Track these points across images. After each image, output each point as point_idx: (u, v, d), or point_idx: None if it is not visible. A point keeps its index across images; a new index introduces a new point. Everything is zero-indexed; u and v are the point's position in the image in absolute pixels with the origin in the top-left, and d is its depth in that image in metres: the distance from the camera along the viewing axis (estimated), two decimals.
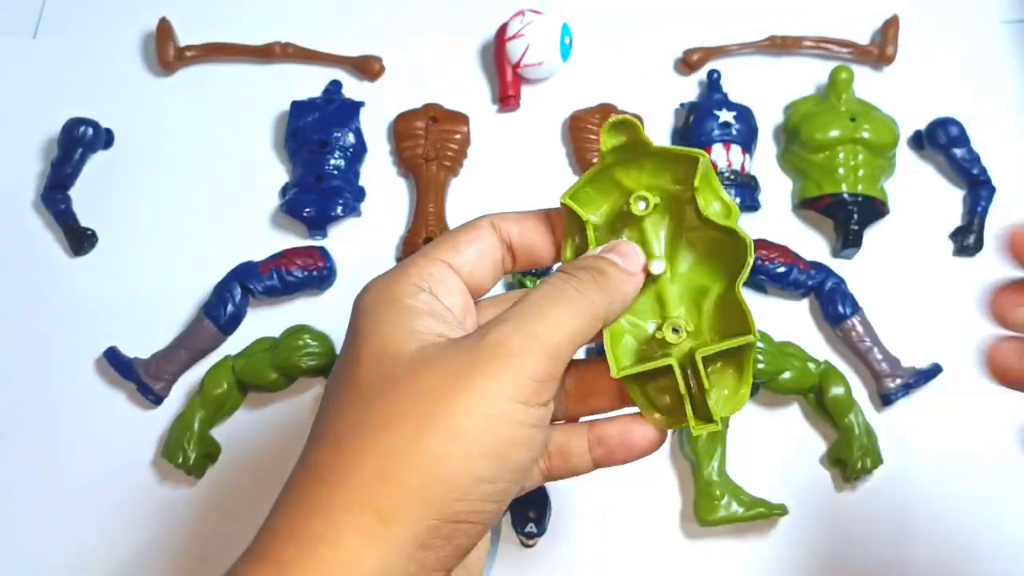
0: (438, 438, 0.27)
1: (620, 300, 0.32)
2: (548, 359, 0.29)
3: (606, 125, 0.32)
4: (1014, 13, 0.63)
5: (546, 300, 0.30)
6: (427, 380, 0.28)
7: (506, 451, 0.28)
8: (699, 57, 0.60)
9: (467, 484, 0.28)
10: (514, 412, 0.28)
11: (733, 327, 0.32)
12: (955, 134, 0.56)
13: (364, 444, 0.28)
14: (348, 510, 0.27)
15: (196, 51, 0.59)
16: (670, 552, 0.48)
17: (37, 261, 0.55)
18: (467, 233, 0.33)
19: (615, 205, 0.34)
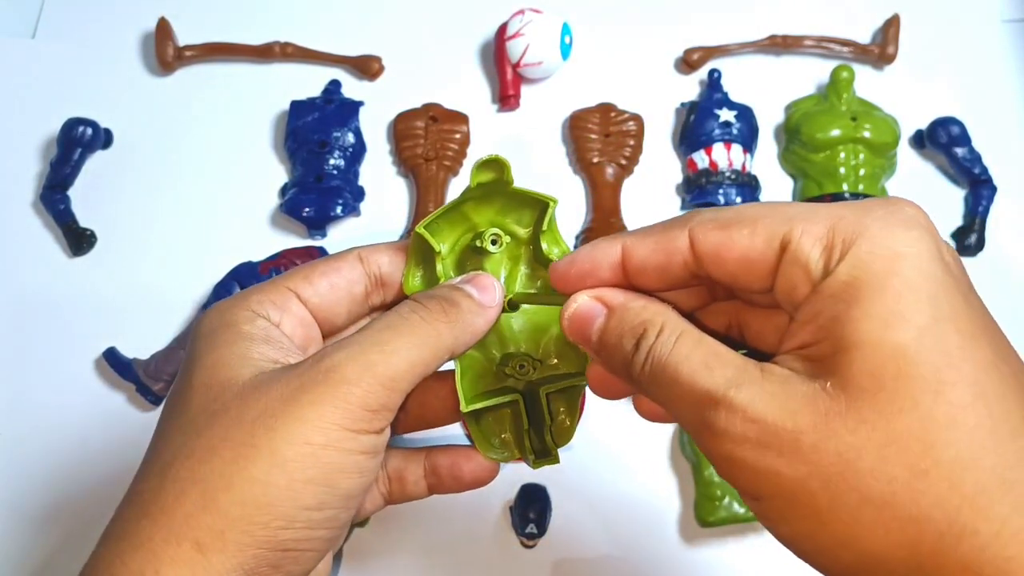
0: (259, 465, 0.26)
1: (470, 333, 0.30)
2: (382, 388, 0.28)
3: (477, 163, 0.32)
4: (1014, 12, 0.63)
5: (389, 329, 0.29)
6: (254, 406, 0.27)
7: (333, 479, 0.27)
8: (700, 56, 0.60)
9: (291, 512, 0.27)
10: (342, 440, 0.27)
11: (568, 363, 0.34)
12: (956, 133, 0.56)
13: (186, 472, 0.27)
14: (167, 542, 0.26)
15: (195, 51, 0.59)
16: (670, 552, 0.48)
17: (36, 261, 0.54)
18: (326, 264, 0.33)
19: (461, 238, 0.34)
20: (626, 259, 0.28)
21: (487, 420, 0.34)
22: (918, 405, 0.21)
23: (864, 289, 0.22)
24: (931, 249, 0.23)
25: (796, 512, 0.23)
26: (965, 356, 0.22)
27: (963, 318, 0.22)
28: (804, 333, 0.24)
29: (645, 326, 0.26)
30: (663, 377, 0.25)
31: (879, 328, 0.22)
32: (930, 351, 0.22)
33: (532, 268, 0.35)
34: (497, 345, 0.35)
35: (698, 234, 0.26)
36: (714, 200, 0.54)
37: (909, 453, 0.21)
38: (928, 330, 0.22)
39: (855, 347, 0.22)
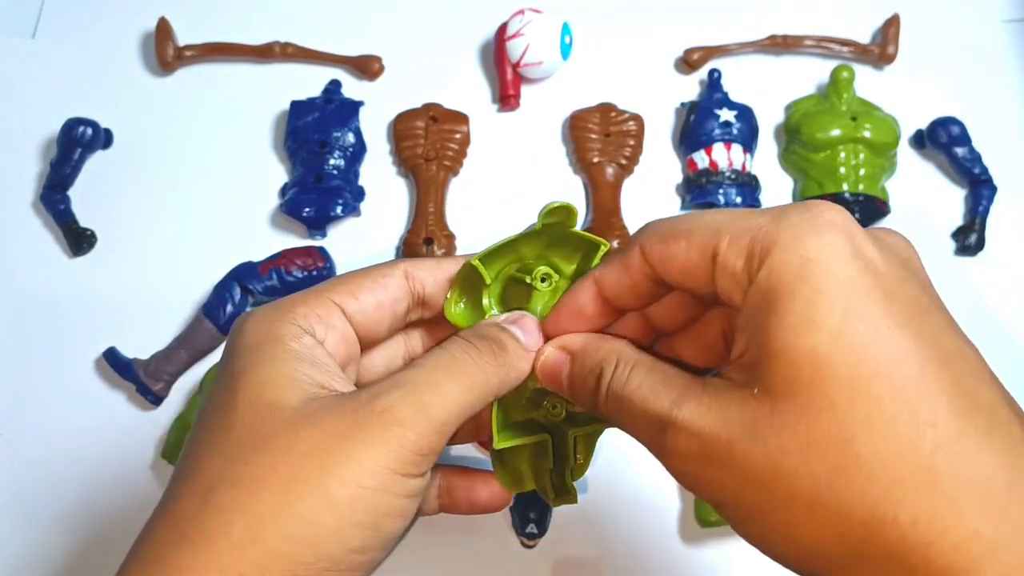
0: (308, 503, 0.26)
1: (515, 376, 0.31)
2: (434, 433, 0.27)
3: (547, 207, 0.31)
4: (1014, 12, 0.63)
5: (441, 369, 0.29)
6: (306, 440, 0.27)
7: (380, 522, 0.27)
8: (700, 56, 0.60)
9: (336, 554, 0.26)
10: (392, 484, 0.27)
11: None
12: (956, 133, 0.56)
13: (231, 502, 0.26)
14: (208, 572, 0.25)
15: (195, 51, 0.59)
16: (670, 552, 0.48)
17: (36, 261, 0.54)
18: (372, 280, 0.32)
19: (506, 267, 0.34)
20: (601, 290, 0.30)
21: (510, 452, 0.34)
22: (835, 405, 0.22)
23: (778, 298, 0.24)
24: (843, 251, 0.24)
25: (744, 515, 0.25)
26: (881, 351, 0.23)
27: (879, 314, 0.23)
28: (739, 343, 0.25)
29: (602, 365, 0.29)
30: (621, 406, 0.28)
31: (792, 335, 0.23)
32: (843, 352, 0.23)
33: None
34: (531, 378, 0.34)
35: (646, 248, 0.28)
36: (714, 200, 0.54)
37: (829, 451, 0.22)
38: (839, 332, 0.23)
39: (773, 355, 0.23)
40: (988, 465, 0.22)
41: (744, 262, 0.25)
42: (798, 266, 0.24)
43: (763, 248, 0.24)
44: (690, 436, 0.25)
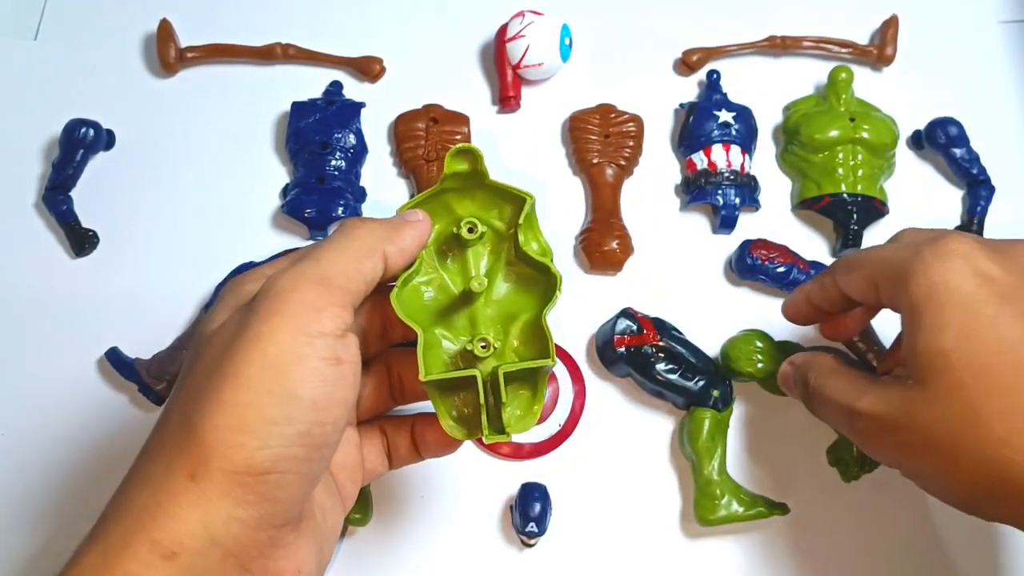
0: (226, 388, 0.28)
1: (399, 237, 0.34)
2: (317, 286, 0.30)
3: (451, 151, 0.35)
4: (1013, 13, 0.63)
5: (324, 244, 0.33)
6: (220, 342, 0.30)
7: (293, 387, 0.29)
8: (699, 57, 0.60)
9: (259, 428, 0.28)
10: (295, 345, 0.29)
11: (536, 352, 0.36)
12: (954, 134, 0.56)
13: (174, 408, 0.30)
14: (166, 477, 0.28)
15: (197, 52, 0.59)
16: (670, 552, 0.48)
17: (38, 262, 0.55)
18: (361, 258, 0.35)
19: (445, 229, 0.37)
20: (809, 299, 0.43)
21: (453, 400, 0.35)
22: (963, 385, 0.31)
23: (915, 313, 0.33)
24: (963, 272, 0.32)
25: (914, 471, 0.35)
26: (996, 338, 0.31)
27: (994, 313, 0.32)
28: (900, 351, 0.37)
29: (807, 373, 0.41)
30: (819, 399, 0.39)
31: (927, 338, 0.32)
32: (965, 345, 0.31)
33: (511, 263, 0.37)
34: (468, 329, 0.37)
35: (837, 276, 0.40)
36: (713, 201, 0.54)
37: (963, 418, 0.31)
38: (961, 331, 0.32)
39: (916, 355, 0.33)
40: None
41: (892, 290, 0.35)
42: (927, 288, 0.33)
43: (903, 278, 0.34)
44: (867, 419, 0.35)
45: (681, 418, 0.50)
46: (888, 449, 0.35)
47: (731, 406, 0.50)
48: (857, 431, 0.36)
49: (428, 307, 0.37)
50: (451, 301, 0.37)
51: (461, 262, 0.38)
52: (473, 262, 0.37)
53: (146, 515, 0.27)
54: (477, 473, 0.49)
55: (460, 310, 0.37)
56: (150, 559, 0.27)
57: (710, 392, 0.49)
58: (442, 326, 0.37)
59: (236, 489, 0.28)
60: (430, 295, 0.37)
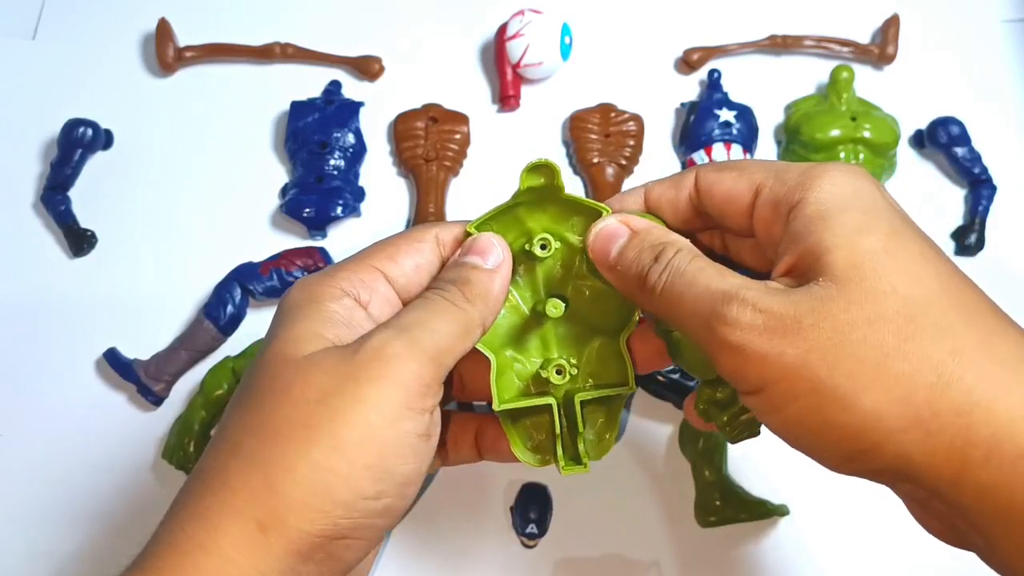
0: (320, 450, 0.27)
1: (491, 302, 0.32)
2: (430, 362, 0.29)
3: (527, 166, 0.33)
4: (1014, 12, 0.63)
5: (421, 311, 0.31)
6: (316, 387, 0.28)
7: (390, 463, 0.28)
8: (699, 56, 0.60)
9: (349, 500, 0.27)
10: (398, 418, 0.28)
11: (610, 375, 0.34)
12: (956, 133, 0.56)
13: (249, 452, 0.28)
14: (228, 517, 0.27)
15: (196, 52, 0.59)
16: (670, 552, 0.48)
17: (37, 262, 0.54)
18: (408, 243, 0.33)
19: (515, 243, 0.35)
20: (647, 196, 0.34)
21: (524, 424, 0.34)
22: (896, 290, 0.26)
23: (832, 212, 0.28)
24: (877, 188, 0.29)
25: (800, 388, 0.26)
26: (927, 258, 0.27)
27: (914, 234, 0.28)
28: (788, 259, 0.29)
29: (664, 245, 0.31)
30: (680, 283, 0.29)
31: (852, 235, 0.27)
32: (897, 252, 0.27)
33: (583, 277, 0.35)
34: (539, 350, 0.35)
35: (700, 173, 0.33)
36: None
37: (894, 324, 0.26)
38: (891, 238, 0.27)
39: (835, 248, 0.27)
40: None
41: (786, 192, 0.29)
42: (850, 192, 0.28)
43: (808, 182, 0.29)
44: (756, 311, 0.27)
45: (681, 418, 0.50)
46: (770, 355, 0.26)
47: None
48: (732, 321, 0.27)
49: (497, 328, 0.35)
50: (521, 320, 0.35)
51: (531, 278, 0.35)
52: (543, 278, 0.35)
53: (201, 553, 0.27)
54: (477, 473, 0.49)
55: (531, 330, 0.35)
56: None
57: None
58: (512, 347, 0.35)
59: (307, 547, 0.27)
60: (500, 315, 0.35)
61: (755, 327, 0.27)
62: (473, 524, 0.48)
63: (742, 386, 0.28)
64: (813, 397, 0.26)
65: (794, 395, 0.27)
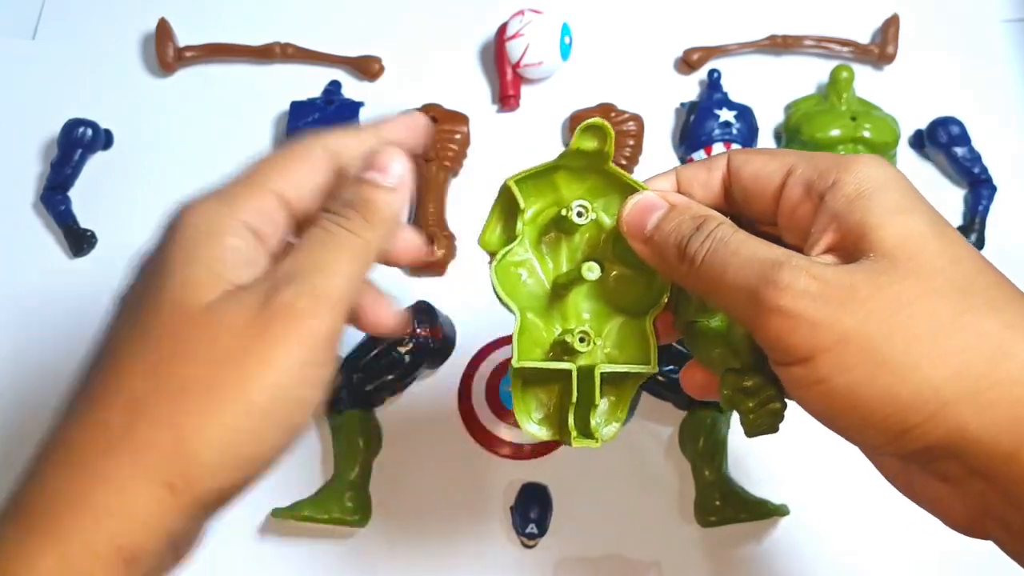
0: (231, 411, 0.27)
1: (392, 224, 0.31)
2: (338, 313, 0.28)
3: (581, 126, 0.31)
4: (1014, 12, 0.63)
5: (324, 249, 0.29)
6: (223, 346, 0.27)
7: (294, 420, 0.28)
8: (699, 56, 0.60)
9: (259, 456, 0.28)
10: (306, 376, 0.28)
11: (628, 354, 0.33)
12: (956, 133, 0.56)
13: (159, 413, 0.27)
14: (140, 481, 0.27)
15: (195, 52, 0.59)
16: (670, 552, 0.48)
17: (37, 262, 0.54)
18: (303, 162, 0.32)
19: (547, 209, 0.34)
20: (678, 178, 0.34)
21: (535, 392, 0.34)
22: (944, 270, 0.27)
23: (873, 192, 0.28)
24: (906, 177, 0.30)
25: (853, 357, 0.26)
26: (961, 243, 0.28)
27: (947, 223, 0.29)
28: (829, 237, 0.29)
29: (705, 217, 0.30)
30: (724, 251, 0.29)
31: (897, 214, 0.28)
32: (940, 233, 0.28)
33: (609, 260, 0.34)
34: (560, 319, 0.34)
35: (732, 155, 0.33)
36: None
37: (949, 299, 0.26)
38: (933, 219, 0.28)
39: (883, 226, 0.27)
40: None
41: (819, 176, 0.29)
42: (886, 176, 0.29)
43: (842, 166, 0.29)
44: (810, 276, 0.26)
45: (681, 418, 0.50)
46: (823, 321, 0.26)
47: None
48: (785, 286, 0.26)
49: (521, 290, 0.34)
50: (543, 292, 0.34)
51: (555, 250, 0.34)
52: (567, 252, 0.34)
53: (110, 518, 0.26)
54: (477, 473, 0.49)
55: (552, 303, 0.34)
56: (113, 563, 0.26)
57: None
58: (532, 312, 0.34)
59: (213, 501, 0.27)
60: (524, 278, 0.34)
61: (808, 293, 0.26)
62: (473, 524, 0.48)
63: (787, 355, 0.27)
64: (867, 367, 0.26)
65: (846, 365, 0.26)
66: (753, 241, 0.29)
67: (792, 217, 0.30)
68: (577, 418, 0.32)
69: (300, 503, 0.46)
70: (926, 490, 0.30)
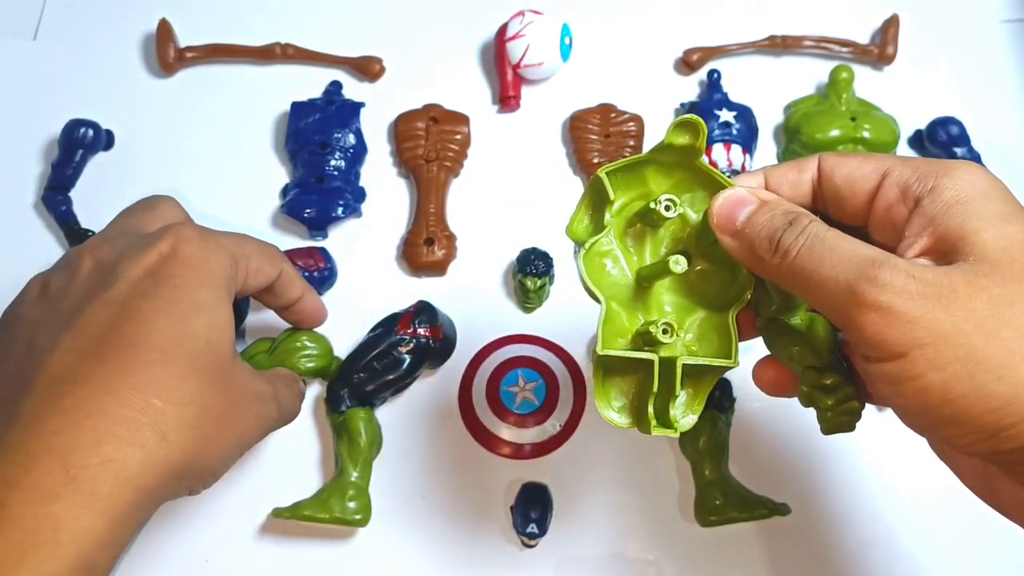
0: (200, 423, 0.35)
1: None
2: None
3: (675, 121, 0.32)
4: (1013, 12, 0.63)
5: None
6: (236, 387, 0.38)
7: (246, 433, 0.39)
8: (699, 57, 0.60)
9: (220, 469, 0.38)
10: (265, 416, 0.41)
11: (709, 348, 0.34)
12: (955, 133, 0.56)
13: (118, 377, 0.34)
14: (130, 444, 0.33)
15: (196, 52, 0.59)
16: (670, 552, 0.48)
17: (37, 262, 0.54)
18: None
19: (634, 201, 0.34)
20: (767, 178, 0.34)
21: (616, 382, 0.34)
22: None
23: (973, 199, 0.29)
24: (1005, 185, 0.30)
25: (949, 354, 0.26)
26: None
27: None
28: (925, 240, 0.29)
29: (798, 213, 0.31)
30: (820, 247, 0.29)
31: (998, 220, 0.28)
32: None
33: (691, 255, 0.34)
34: (643, 310, 0.34)
35: (823, 156, 0.33)
36: None
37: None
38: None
39: (983, 231, 0.28)
40: None
41: (918, 179, 0.30)
42: (986, 184, 0.29)
43: (939, 172, 0.30)
44: (910, 276, 0.27)
45: None
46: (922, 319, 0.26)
47: (732, 406, 0.50)
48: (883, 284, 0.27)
49: (606, 280, 0.35)
50: (626, 284, 0.35)
51: (640, 242, 0.35)
52: (651, 246, 0.35)
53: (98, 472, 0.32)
54: (477, 474, 0.49)
55: (634, 293, 0.35)
56: None
57: (711, 392, 0.49)
58: (616, 302, 0.34)
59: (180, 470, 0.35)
60: (609, 268, 0.35)
61: (908, 291, 0.27)
62: (473, 524, 0.48)
63: (881, 351, 0.27)
64: (964, 365, 0.26)
65: (942, 362, 0.26)
66: (850, 239, 0.29)
67: (885, 219, 0.31)
68: (657, 408, 0.32)
69: (300, 503, 0.46)
70: (1008, 493, 0.30)
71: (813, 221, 0.30)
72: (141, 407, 0.32)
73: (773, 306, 0.33)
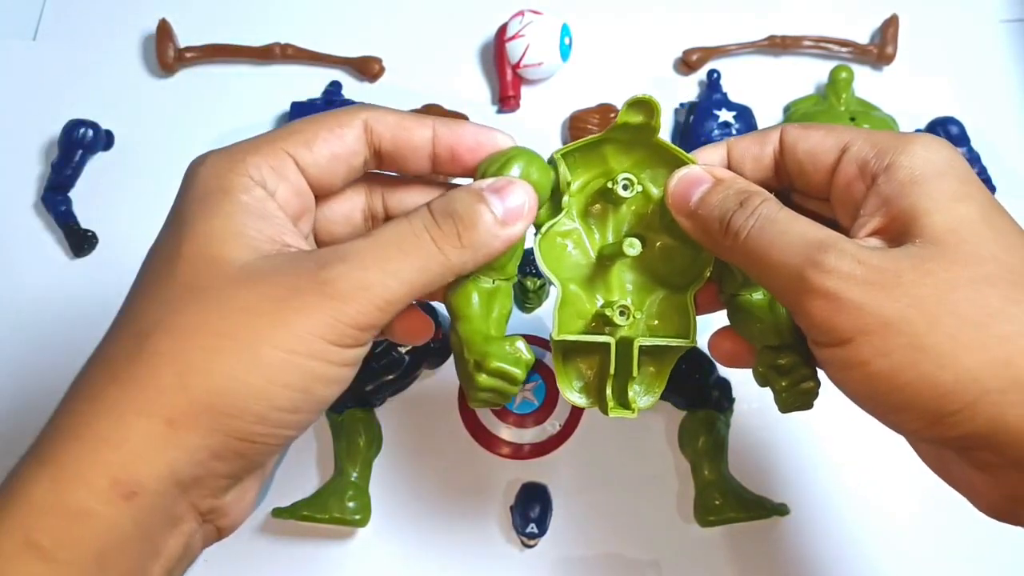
0: (238, 361, 0.26)
1: (484, 255, 0.29)
2: (376, 310, 0.27)
3: (628, 101, 0.32)
4: (1013, 12, 0.63)
5: (393, 246, 0.28)
6: (242, 299, 0.27)
7: (311, 387, 0.27)
8: (699, 57, 0.60)
9: (264, 412, 0.27)
10: (326, 353, 0.27)
11: (669, 328, 0.34)
12: (955, 133, 0.56)
13: (164, 349, 0.26)
14: (138, 414, 0.26)
15: (196, 52, 0.59)
16: (670, 552, 0.48)
17: (37, 263, 0.55)
18: (328, 129, 0.31)
19: (593, 180, 0.34)
20: (730, 151, 0.33)
21: (576, 363, 0.34)
22: (998, 256, 0.26)
23: (927, 178, 0.28)
24: (965, 161, 0.29)
25: (895, 342, 0.26)
26: (1017, 231, 0.27)
27: (1001, 207, 0.28)
28: (878, 220, 0.28)
29: (750, 193, 0.30)
30: (770, 229, 0.28)
31: (950, 201, 0.27)
32: (993, 222, 0.27)
33: (655, 230, 0.34)
34: (604, 290, 0.34)
35: (786, 129, 0.32)
36: None
37: (1000, 288, 0.26)
38: (987, 208, 0.27)
39: (933, 212, 0.27)
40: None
41: (876, 155, 0.29)
42: (943, 161, 0.28)
43: (899, 147, 0.29)
44: (856, 261, 0.26)
45: (681, 418, 0.50)
46: (866, 305, 0.26)
47: (732, 406, 0.50)
48: (830, 269, 0.26)
49: (566, 261, 0.34)
50: (587, 262, 0.35)
51: (602, 220, 0.35)
52: (614, 224, 0.35)
53: (106, 447, 0.26)
54: (477, 473, 0.49)
55: (595, 274, 0.35)
56: (109, 497, 0.25)
57: (710, 392, 0.49)
58: (575, 284, 0.34)
59: (217, 444, 0.26)
60: (570, 249, 0.34)
61: (854, 276, 0.26)
62: (473, 524, 0.48)
63: (828, 337, 0.27)
64: (908, 352, 0.25)
65: (887, 349, 0.26)
66: (800, 220, 0.28)
67: (845, 195, 0.30)
68: (615, 389, 0.32)
69: (300, 503, 0.46)
70: (961, 475, 0.29)
71: (765, 201, 0.29)
72: None
73: (735, 281, 0.33)
